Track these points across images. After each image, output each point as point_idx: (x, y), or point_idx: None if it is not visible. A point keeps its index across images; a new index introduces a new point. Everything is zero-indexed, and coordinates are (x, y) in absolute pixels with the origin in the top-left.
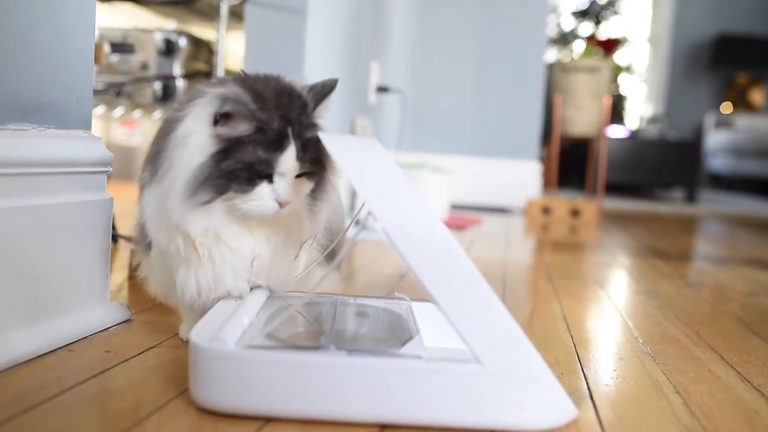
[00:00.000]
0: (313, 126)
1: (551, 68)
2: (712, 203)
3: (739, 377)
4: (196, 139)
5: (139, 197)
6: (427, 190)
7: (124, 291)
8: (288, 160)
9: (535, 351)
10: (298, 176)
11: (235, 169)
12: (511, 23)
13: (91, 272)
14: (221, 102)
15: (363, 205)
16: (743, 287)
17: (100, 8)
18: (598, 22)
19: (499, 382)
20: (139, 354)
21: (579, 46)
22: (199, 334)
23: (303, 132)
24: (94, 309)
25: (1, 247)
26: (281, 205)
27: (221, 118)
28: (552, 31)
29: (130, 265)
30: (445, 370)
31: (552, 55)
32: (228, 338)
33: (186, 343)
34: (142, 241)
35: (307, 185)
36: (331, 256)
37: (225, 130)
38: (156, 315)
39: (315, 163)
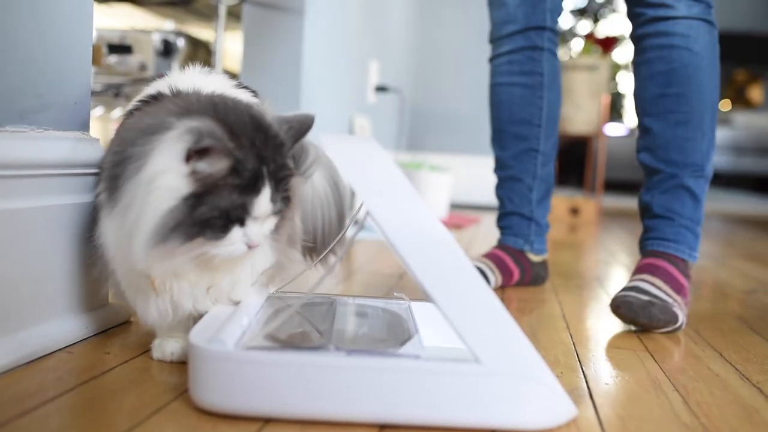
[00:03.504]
0: (287, 166)
1: None
2: (710, 201)
3: (739, 375)
4: (167, 181)
5: (97, 217)
6: (426, 189)
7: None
8: (263, 204)
9: (534, 350)
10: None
11: (210, 218)
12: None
13: (92, 273)
14: (196, 137)
15: (361, 204)
16: (742, 285)
17: (98, 9)
18: (596, 20)
19: (498, 382)
20: (138, 355)
21: (577, 45)
22: (198, 335)
23: (277, 172)
24: (93, 310)
25: (2, 248)
26: (251, 247)
27: (197, 154)
28: None
29: None
30: (444, 370)
31: None
32: (227, 339)
33: (159, 362)
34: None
35: (274, 221)
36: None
37: (202, 167)
38: None
39: (285, 202)
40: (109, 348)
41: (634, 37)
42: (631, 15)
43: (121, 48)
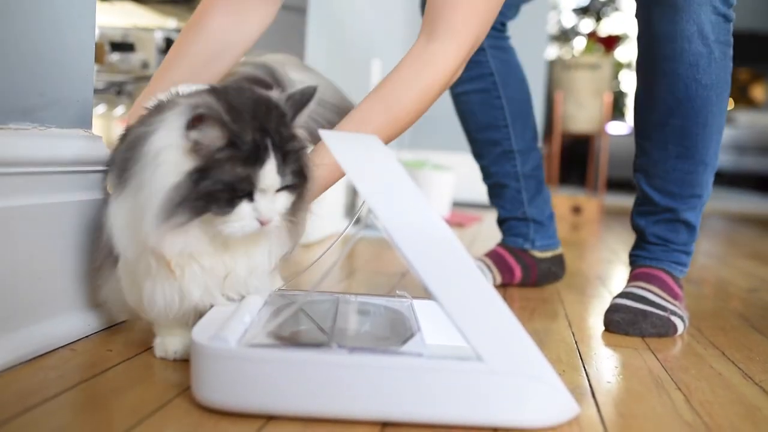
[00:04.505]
0: (293, 137)
1: (552, 65)
2: (713, 200)
3: (741, 373)
4: (170, 156)
5: (106, 205)
6: (428, 187)
7: None
8: (269, 175)
9: (536, 348)
10: (280, 190)
11: (214, 191)
12: (511, 20)
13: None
14: (193, 109)
15: (363, 203)
16: (745, 283)
17: (101, 7)
18: (598, 19)
19: (501, 380)
20: (141, 352)
21: (580, 43)
22: (200, 332)
23: (283, 144)
24: (96, 308)
25: (4, 246)
26: (263, 223)
27: (192, 125)
28: (553, 28)
29: None
30: (447, 368)
31: (553, 52)
32: (230, 337)
33: (161, 360)
34: (110, 254)
35: (289, 198)
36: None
37: (196, 135)
38: None
39: (297, 176)
40: (112, 345)
41: (639, 46)
42: (639, 17)
43: (123, 46)
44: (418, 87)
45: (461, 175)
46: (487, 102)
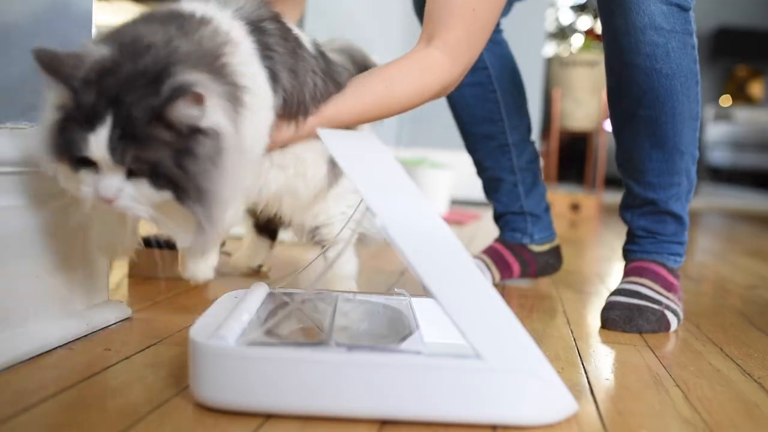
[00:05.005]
0: (160, 125)
1: (550, 62)
2: (711, 197)
3: (740, 370)
4: (50, 98)
5: None
6: (427, 185)
7: (123, 289)
8: (95, 144)
9: (535, 346)
10: (137, 177)
11: (59, 145)
12: (509, 17)
13: (91, 270)
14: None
15: (361, 201)
16: (743, 280)
17: (98, 6)
18: (596, 16)
19: (499, 377)
20: (139, 352)
21: (577, 40)
22: (199, 331)
23: (133, 121)
24: (94, 307)
25: (3, 245)
26: (103, 200)
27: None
28: (550, 26)
29: (130, 262)
30: (445, 366)
31: (550, 49)
32: (228, 335)
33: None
34: None
35: (151, 192)
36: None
37: (47, 80)
38: (156, 313)
39: (147, 166)
40: (110, 344)
41: (604, 40)
42: (599, 12)
43: None
44: (417, 84)
45: (459, 172)
46: (482, 96)
